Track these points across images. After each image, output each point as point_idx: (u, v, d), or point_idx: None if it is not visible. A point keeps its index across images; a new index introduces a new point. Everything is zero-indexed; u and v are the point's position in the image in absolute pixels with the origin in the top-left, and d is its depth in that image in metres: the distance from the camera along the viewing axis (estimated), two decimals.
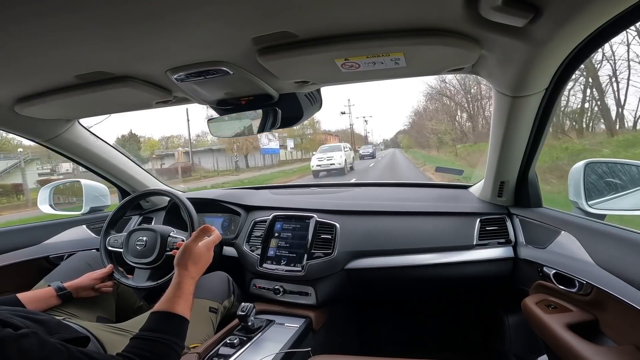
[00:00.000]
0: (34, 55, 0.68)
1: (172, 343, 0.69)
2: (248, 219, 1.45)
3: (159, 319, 0.73)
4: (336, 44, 0.68)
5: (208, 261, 0.90)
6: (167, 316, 0.74)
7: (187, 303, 0.78)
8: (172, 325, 0.73)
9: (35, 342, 0.53)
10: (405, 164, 19.77)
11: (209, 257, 0.90)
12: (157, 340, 0.68)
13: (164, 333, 0.70)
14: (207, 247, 0.91)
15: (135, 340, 0.68)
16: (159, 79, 0.87)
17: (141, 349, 0.66)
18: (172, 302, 0.76)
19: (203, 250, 0.89)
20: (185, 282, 0.81)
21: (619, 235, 0.77)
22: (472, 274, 1.18)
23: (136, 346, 0.67)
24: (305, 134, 36.96)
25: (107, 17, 0.55)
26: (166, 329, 0.71)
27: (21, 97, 0.94)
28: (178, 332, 0.73)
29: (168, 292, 0.79)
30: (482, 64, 0.78)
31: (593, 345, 0.69)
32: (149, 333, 0.69)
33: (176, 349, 0.70)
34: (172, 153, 28.40)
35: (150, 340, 0.68)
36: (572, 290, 0.83)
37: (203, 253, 0.88)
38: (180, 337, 0.73)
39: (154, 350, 0.67)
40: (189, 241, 0.88)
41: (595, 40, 0.63)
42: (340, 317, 1.44)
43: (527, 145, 1.00)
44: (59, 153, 1.36)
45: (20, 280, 1.22)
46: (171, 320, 0.74)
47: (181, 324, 0.75)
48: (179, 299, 0.77)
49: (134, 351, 0.65)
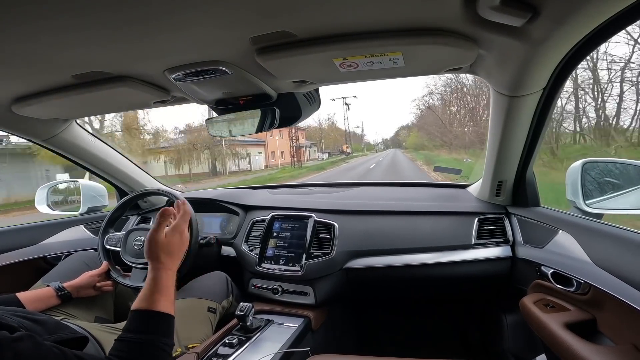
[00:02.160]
0: (31, 55, 0.67)
1: (157, 342, 0.66)
2: (246, 218, 1.44)
3: (139, 318, 0.68)
4: (334, 44, 0.68)
5: (184, 245, 0.81)
6: (148, 315, 0.69)
7: (167, 298, 0.72)
8: (154, 324, 0.68)
9: (31, 345, 0.52)
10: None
11: (181, 242, 0.81)
12: (142, 342, 0.65)
13: (148, 333, 0.66)
14: (177, 231, 0.81)
15: (120, 343, 0.65)
16: (156, 78, 0.86)
17: (127, 352, 0.63)
18: (151, 299, 0.70)
19: (172, 236, 0.79)
20: (162, 276, 0.74)
21: (617, 235, 0.77)
22: (470, 274, 1.18)
23: (120, 349, 0.64)
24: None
25: (105, 17, 0.55)
26: (149, 329, 0.67)
27: (18, 97, 0.94)
28: (163, 330, 0.68)
29: (144, 289, 0.72)
30: (480, 63, 0.78)
31: (591, 345, 0.69)
32: (132, 335, 0.66)
33: (164, 348, 0.66)
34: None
35: (135, 343, 0.64)
36: (570, 290, 0.83)
37: (173, 239, 0.79)
38: (166, 335, 0.68)
39: (140, 352, 0.64)
40: (152, 230, 0.78)
41: (593, 40, 0.63)
42: (339, 317, 1.44)
43: (525, 144, 1.00)
44: (56, 153, 1.35)
45: (18, 280, 1.22)
46: (153, 319, 0.69)
47: (165, 322, 0.70)
48: (158, 295, 0.71)
49: (120, 355, 0.62)
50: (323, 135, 53.75)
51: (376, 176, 15.42)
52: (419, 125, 41.51)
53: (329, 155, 48.91)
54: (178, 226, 0.81)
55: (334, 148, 57.06)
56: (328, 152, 51.41)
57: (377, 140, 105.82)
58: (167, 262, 0.76)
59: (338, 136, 58.13)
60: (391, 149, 77.56)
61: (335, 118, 63.16)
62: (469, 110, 21.10)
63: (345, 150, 53.98)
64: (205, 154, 22.52)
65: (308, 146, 40.14)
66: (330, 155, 49.63)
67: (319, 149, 49.59)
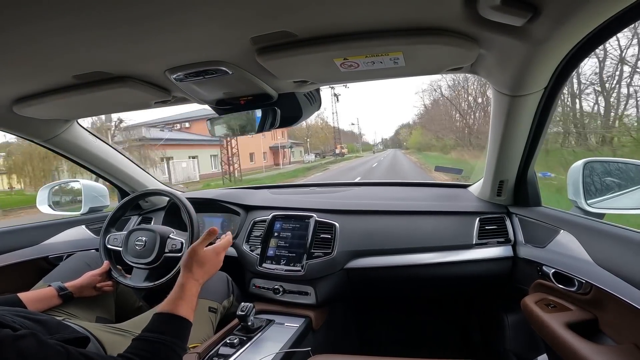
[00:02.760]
0: (32, 56, 0.68)
1: (174, 345, 0.69)
2: (247, 218, 1.45)
3: (161, 321, 0.73)
4: (335, 44, 0.68)
5: (216, 265, 0.90)
6: (170, 318, 0.73)
7: (189, 305, 0.78)
8: (174, 327, 0.73)
9: (34, 343, 0.53)
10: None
11: (217, 261, 0.89)
12: (159, 341, 0.68)
13: (166, 335, 0.69)
14: (215, 252, 0.90)
15: (137, 342, 0.68)
16: (157, 79, 0.86)
17: (143, 350, 0.65)
18: (175, 304, 0.76)
19: (210, 254, 0.88)
20: (189, 284, 0.81)
21: (618, 234, 0.77)
22: (472, 273, 1.18)
23: (138, 347, 0.66)
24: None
25: (106, 18, 0.55)
26: (168, 331, 0.71)
27: (20, 97, 0.94)
28: (180, 334, 0.73)
29: (172, 293, 0.79)
30: (481, 63, 0.78)
31: (592, 344, 0.69)
32: (150, 334, 0.69)
33: (177, 352, 0.69)
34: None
35: (152, 342, 0.68)
36: (571, 290, 0.83)
37: (209, 257, 0.87)
38: (182, 339, 0.72)
39: (155, 352, 0.66)
40: (196, 244, 0.87)
41: (594, 40, 0.63)
42: (340, 317, 1.44)
43: (526, 144, 1.00)
44: (58, 153, 1.36)
45: (20, 280, 1.22)
46: (173, 322, 0.73)
47: (183, 326, 0.74)
48: (182, 301, 0.77)
49: (136, 352, 0.65)
50: (310, 133, 47.27)
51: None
52: (425, 121, 36.99)
53: (316, 156, 41.94)
54: (219, 247, 0.91)
55: (326, 148, 51.95)
56: (317, 153, 44.35)
57: (377, 140, 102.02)
58: (197, 274, 0.83)
59: (329, 134, 51.94)
60: (391, 149, 71.81)
61: (327, 114, 55.61)
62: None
63: (340, 151, 48.20)
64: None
65: (287, 146, 33.49)
66: (320, 156, 42.75)
67: (306, 149, 42.88)
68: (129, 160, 1.55)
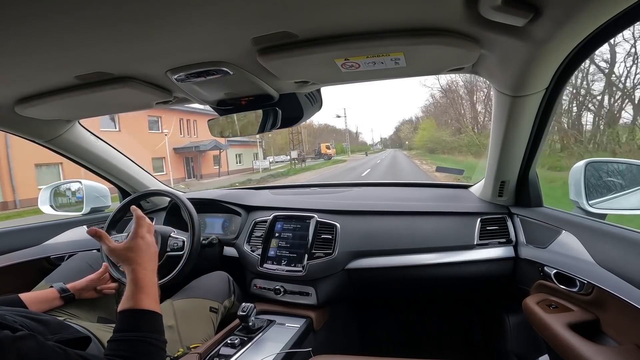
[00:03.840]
0: (34, 56, 0.68)
1: (149, 339, 0.67)
2: (248, 219, 1.45)
3: (126, 318, 0.70)
4: (336, 44, 0.68)
5: (150, 247, 0.83)
6: (135, 313, 0.70)
7: (150, 296, 0.73)
8: (142, 321, 0.69)
9: (34, 345, 0.53)
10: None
11: (145, 243, 0.82)
12: (134, 338, 0.66)
13: (137, 331, 0.67)
14: (138, 236, 0.82)
15: (113, 343, 0.66)
16: (159, 79, 0.87)
17: (121, 350, 0.63)
18: (134, 298, 0.71)
19: (131, 241, 0.81)
20: (139, 275, 0.75)
21: (620, 235, 0.77)
22: (473, 274, 1.18)
23: (115, 348, 0.64)
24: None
25: (107, 18, 0.55)
26: (138, 327, 0.68)
27: (21, 98, 0.94)
28: (152, 327, 0.70)
29: (127, 290, 0.73)
30: (482, 63, 0.78)
31: (594, 345, 0.69)
32: (123, 334, 0.66)
33: (155, 344, 0.67)
34: None
35: (127, 340, 0.65)
36: (573, 290, 0.83)
37: (132, 244, 0.80)
38: (156, 331, 0.69)
39: (133, 349, 0.64)
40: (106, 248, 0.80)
41: (596, 40, 0.63)
42: (341, 317, 1.44)
43: (527, 144, 1.00)
44: (59, 154, 1.36)
45: (21, 280, 1.22)
46: (140, 316, 0.70)
47: (152, 319, 0.71)
48: (140, 294, 0.72)
49: (115, 353, 0.63)
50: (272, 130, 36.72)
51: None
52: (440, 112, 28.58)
53: (296, 161, 30.47)
54: (135, 233, 0.83)
55: (310, 149, 44.12)
56: (295, 158, 30.92)
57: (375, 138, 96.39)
58: (138, 261, 0.78)
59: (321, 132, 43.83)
60: (390, 150, 63.47)
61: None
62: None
63: (327, 153, 39.78)
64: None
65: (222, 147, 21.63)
66: (298, 161, 30.33)
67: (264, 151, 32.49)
68: (131, 161, 1.55)
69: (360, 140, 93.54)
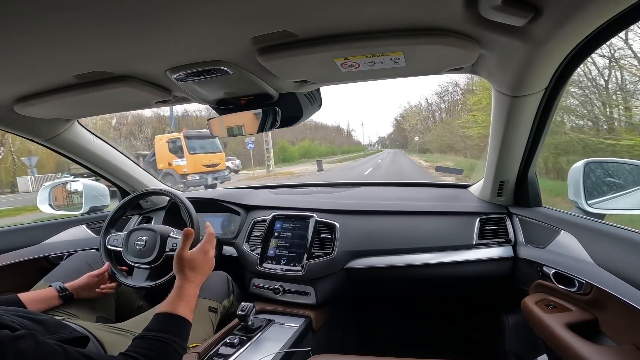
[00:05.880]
0: (33, 55, 0.68)
1: (173, 343, 0.70)
2: (248, 218, 1.45)
3: (161, 320, 0.74)
4: (336, 44, 0.68)
5: (208, 263, 0.90)
6: (170, 317, 0.75)
7: (188, 305, 0.79)
8: (174, 326, 0.74)
9: (32, 343, 0.53)
10: None
11: (207, 259, 0.90)
12: (159, 339, 0.69)
13: (166, 333, 0.71)
14: (203, 251, 0.90)
15: (139, 340, 0.69)
16: (158, 78, 0.87)
17: (144, 348, 0.66)
18: (174, 304, 0.77)
19: (197, 255, 0.89)
20: (186, 286, 0.82)
21: (619, 235, 0.77)
22: (472, 274, 1.18)
23: (139, 345, 0.67)
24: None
25: (107, 17, 0.55)
26: (168, 330, 0.72)
27: (20, 97, 0.94)
28: (180, 333, 0.74)
29: (170, 295, 0.80)
30: (481, 63, 0.78)
31: (592, 345, 0.69)
32: (151, 333, 0.70)
33: (178, 349, 0.70)
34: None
35: (152, 340, 0.69)
36: (571, 290, 0.83)
37: (197, 258, 0.88)
38: (182, 338, 0.73)
39: (157, 349, 0.67)
40: (179, 250, 0.88)
41: (595, 40, 0.63)
42: (340, 317, 1.44)
43: (526, 144, 1.00)
44: (58, 153, 1.36)
45: (20, 280, 1.22)
46: (173, 321, 0.75)
47: (183, 326, 0.76)
48: (180, 302, 0.78)
49: (137, 350, 0.66)
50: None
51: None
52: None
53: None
54: (203, 246, 0.91)
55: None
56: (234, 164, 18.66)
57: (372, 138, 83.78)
58: (190, 276, 0.85)
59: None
60: (389, 150, 53.94)
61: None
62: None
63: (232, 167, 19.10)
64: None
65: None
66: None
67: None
68: (130, 160, 1.55)
69: (355, 140, 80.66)
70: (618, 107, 9.00)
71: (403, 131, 50.74)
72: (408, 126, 46.18)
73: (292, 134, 45.48)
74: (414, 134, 41.03)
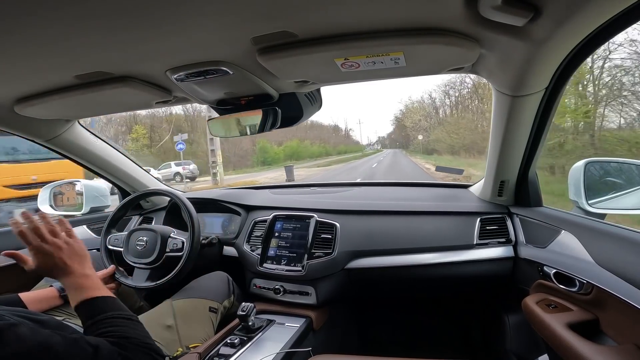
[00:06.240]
0: (33, 56, 0.68)
1: (120, 316, 0.68)
2: (248, 218, 1.45)
3: (88, 308, 0.70)
4: (336, 44, 0.68)
5: (78, 248, 0.78)
6: (92, 301, 0.70)
7: (96, 288, 0.73)
8: (104, 304, 0.70)
9: (28, 330, 0.55)
10: None
11: (72, 247, 0.77)
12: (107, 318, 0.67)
13: (104, 312, 0.68)
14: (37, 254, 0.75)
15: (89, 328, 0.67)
16: (158, 79, 0.87)
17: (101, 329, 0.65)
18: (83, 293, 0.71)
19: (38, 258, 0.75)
20: (79, 281, 0.73)
21: (620, 235, 0.77)
22: (473, 274, 1.18)
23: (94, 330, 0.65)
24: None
25: (107, 17, 0.55)
26: (104, 309, 0.69)
27: (21, 97, 0.94)
28: (114, 306, 0.71)
29: (72, 295, 0.72)
30: (482, 63, 0.78)
31: (593, 345, 0.69)
32: (96, 318, 0.68)
33: (129, 318, 0.69)
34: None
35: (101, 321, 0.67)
36: (572, 290, 0.83)
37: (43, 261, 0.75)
38: (121, 309, 0.71)
39: (112, 325, 0.66)
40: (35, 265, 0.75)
41: (595, 40, 0.63)
42: (341, 317, 1.44)
43: (527, 144, 1.00)
44: (59, 153, 1.36)
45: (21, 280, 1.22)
46: (99, 302, 0.71)
47: (109, 300, 0.72)
48: (88, 290, 0.72)
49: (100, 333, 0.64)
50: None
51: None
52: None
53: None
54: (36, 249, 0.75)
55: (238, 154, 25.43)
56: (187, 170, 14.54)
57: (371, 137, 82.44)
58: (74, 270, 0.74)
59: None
60: (389, 150, 50.93)
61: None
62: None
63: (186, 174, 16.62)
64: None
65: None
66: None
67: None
68: (130, 161, 1.55)
69: (354, 140, 77.57)
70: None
71: (404, 129, 44.47)
72: (410, 123, 38.80)
73: (283, 132, 40.25)
74: (417, 132, 34.57)
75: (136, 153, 23.57)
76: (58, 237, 0.77)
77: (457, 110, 25.34)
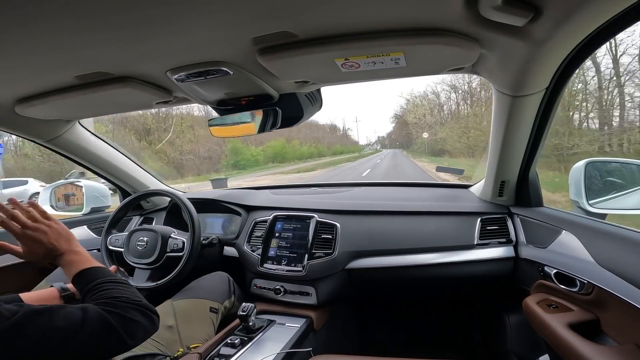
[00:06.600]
0: (34, 56, 0.68)
1: (112, 282, 0.70)
2: (249, 219, 1.45)
3: (82, 278, 0.71)
4: (336, 44, 0.68)
5: (58, 229, 0.79)
6: (84, 272, 0.72)
7: (84, 261, 0.74)
8: (95, 273, 0.72)
9: (16, 306, 0.55)
10: None
11: (54, 229, 0.78)
12: (100, 283, 0.69)
13: (97, 279, 0.70)
14: (26, 241, 0.75)
15: (87, 295, 0.68)
16: (159, 79, 0.87)
17: (97, 295, 0.66)
18: (77, 265, 0.73)
19: (27, 244, 0.76)
20: (69, 257, 0.76)
21: (620, 235, 0.77)
22: (473, 274, 1.18)
23: (90, 298, 0.67)
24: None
25: (107, 18, 0.55)
26: (95, 276, 0.71)
27: (21, 98, 0.94)
28: (104, 274, 0.72)
29: (67, 274, 0.74)
30: (482, 63, 0.78)
31: (594, 345, 0.69)
32: (88, 285, 0.69)
33: (119, 281, 0.71)
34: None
35: (95, 287, 0.68)
36: (573, 290, 0.83)
37: (31, 247, 0.75)
38: (110, 275, 0.73)
39: (107, 288, 0.67)
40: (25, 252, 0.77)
41: (596, 40, 0.63)
42: (341, 317, 1.44)
43: (527, 144, 1.00)
44: (60, 154, 1.36)
45: (22, 280, 1.22)
46: (90, 272, 0.72)
47: (99, 270, 0.73)
48: (76, 265, 0.73)
49: (96, 299, 0.65)
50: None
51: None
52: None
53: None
54: (21, 237, 0.75)
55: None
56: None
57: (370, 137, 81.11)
58: (62, 248, 0.76)
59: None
60: (389, 150, 49.51)
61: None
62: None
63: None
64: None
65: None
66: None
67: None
68: (131, 161, 1.55)
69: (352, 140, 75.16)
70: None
71: (406, 127, 38.92)
72: (413, 118, 32.25)
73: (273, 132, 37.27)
74: (421, 130, 29.31)
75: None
76: (39, 222, 0.77)
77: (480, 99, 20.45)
